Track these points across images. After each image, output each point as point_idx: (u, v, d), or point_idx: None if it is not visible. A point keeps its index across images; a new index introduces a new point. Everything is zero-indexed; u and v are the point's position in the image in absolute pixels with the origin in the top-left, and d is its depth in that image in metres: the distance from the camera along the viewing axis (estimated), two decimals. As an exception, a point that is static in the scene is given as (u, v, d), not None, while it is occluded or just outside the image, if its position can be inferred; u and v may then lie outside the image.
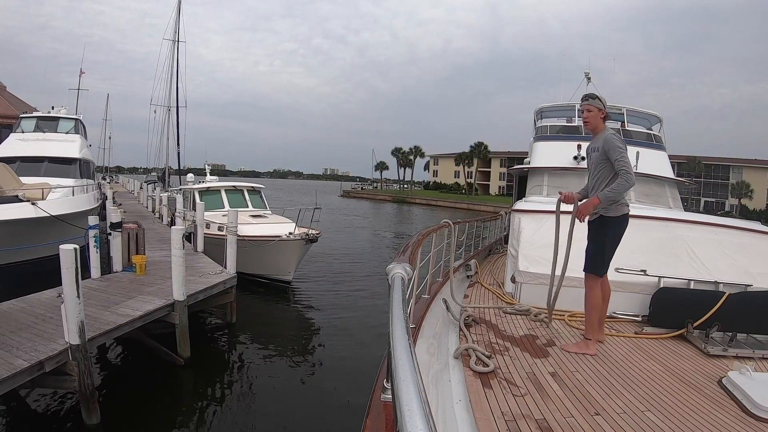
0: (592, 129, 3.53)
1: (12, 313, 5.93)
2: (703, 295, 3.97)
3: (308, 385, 6.63)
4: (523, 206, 5.98)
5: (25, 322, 5.60)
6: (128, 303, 6.58)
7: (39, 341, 5.06)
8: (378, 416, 1.83)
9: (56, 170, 14.09)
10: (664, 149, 8.51)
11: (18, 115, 26.71)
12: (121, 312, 6.19)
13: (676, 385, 2.81)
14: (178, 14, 27.37)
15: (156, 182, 28.05)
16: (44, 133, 15.70)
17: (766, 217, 36.87)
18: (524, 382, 2.72)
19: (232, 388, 6.48)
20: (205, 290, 7.68)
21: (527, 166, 8.75)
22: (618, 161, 3.22)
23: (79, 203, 12.45)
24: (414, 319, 3.41)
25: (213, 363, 7.24)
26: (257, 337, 8.35)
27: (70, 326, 4.98)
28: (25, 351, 4.78)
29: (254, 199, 15.06)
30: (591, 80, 9.98)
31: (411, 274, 1.87)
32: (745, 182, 53.14)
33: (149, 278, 8.16)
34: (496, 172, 79.63)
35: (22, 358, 4.61)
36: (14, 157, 13.65)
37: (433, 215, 41.36)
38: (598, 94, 3.52)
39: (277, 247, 10.99)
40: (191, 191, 15.47)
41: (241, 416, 5.64)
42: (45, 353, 4.77)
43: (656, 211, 5.94)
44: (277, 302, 10.91)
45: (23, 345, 4.92)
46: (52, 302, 6.34)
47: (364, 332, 8.66)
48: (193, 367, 6.77)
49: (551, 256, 3.69)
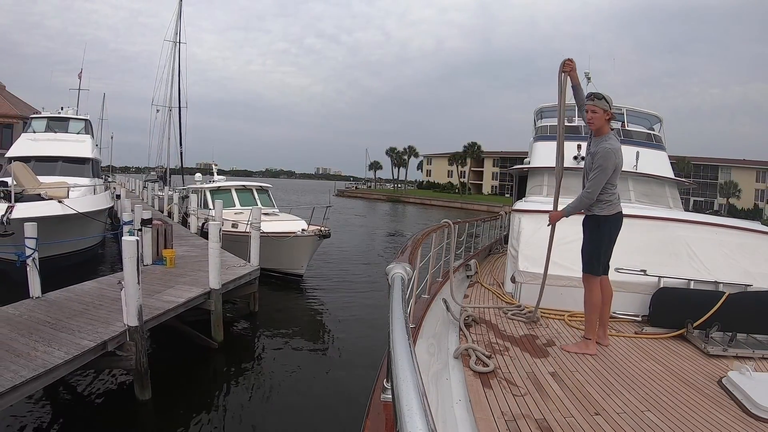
0: (596, 130, 3.44)
1: (61, 302, 6.45)
2: (703, 295, 3.97)
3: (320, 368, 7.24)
4: (523, 206, 5.97)
5: (76, 309, 6.16)
6: (169, 291, 7.22)
7: (98, 324, 5.59)
8: (378, 416, 1.83)
9: (70, 170, 14.52)
10: (664, 149, 8.50)
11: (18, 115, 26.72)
12: (165, 299, 6.80)
13: (676, 385, 2.81)
14: (179, 16, 27.50)
15: (156, 181, 28.16)
16: (55, 133, 16.04)
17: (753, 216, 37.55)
18: (524, 382, 2.72)
19: (261, 371, 7.05)
20: (235, 281, 8.34)
21: (527, 166, 8.74)
22: (592, 177, 3.30)
23: (99, 201, 13.10)
24: (414, 319, 3.41)
25: (242, 347, 7.97)
26: (277, 325, 9.08)
27: (129, 309, 5.47)
28: (87, 333, 5.30)
29: (263, 198, 15.62)
30: (591, 80, 9.97)
31: (411, 274, 1.87)
32: (733, 182, 54.63)
33: (179, 270, 8.76)
34: (488, 171, 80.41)
35: (87, 339, 5.14)
36: (29, 157, 14.01)
37: (428, 214, 42.60)
38: (605, 95, 3.40)
39: (291, 242, 11.63)
40: (202, 190, 16.04)
41: (272, 394, 6.19)
42: (107, 334, 5.30)
43: (656, 211, 5.94)
44: (291, 294, 11.65)
45: (83, 328, 5.44)
46: (96, 291, 7.07)
47: (368, 318, 9.47)
48: (226, 351, 7.42)
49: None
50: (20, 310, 5.98)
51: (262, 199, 15.53)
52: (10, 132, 27.83)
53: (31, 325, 5.47)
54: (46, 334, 5.20)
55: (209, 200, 15.28)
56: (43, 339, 5.03)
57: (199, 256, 10.01)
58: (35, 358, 4.53)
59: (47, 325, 5.50)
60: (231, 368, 7.00)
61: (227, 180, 18.36)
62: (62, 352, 4.73)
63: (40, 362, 4.46)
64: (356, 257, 17.37)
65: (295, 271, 12.22)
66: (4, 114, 27.68)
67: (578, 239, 3.55)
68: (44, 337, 5.11)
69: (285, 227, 11.99)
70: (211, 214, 13.54)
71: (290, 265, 12.06)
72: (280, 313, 9.92)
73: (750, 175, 55.50)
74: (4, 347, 4.75)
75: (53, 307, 6.18)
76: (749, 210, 50.25)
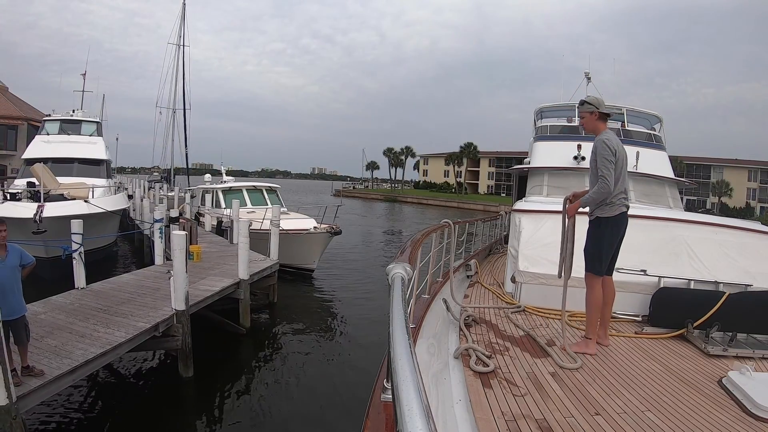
0: (592, 131, 3.60)
1: (106, 292, 7.15)
2: (703, 295, 3.97)
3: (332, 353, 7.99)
4: (523, 206, 5.97)
5: (122, 297, 6.83)
6: (203, 282, 7.91)
7: (147, 310, 6.24)
8: (378, 416, 1.83)
9: (86, 171, 15.19)
10: (664, 149, 8.49)
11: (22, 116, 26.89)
12: (202, 288, 7.47)
13: (676, 385, 2.81)
14: (182, 20, 27.75)
15: (159, 182, 28.35)
16: (69, 135, 16.53)
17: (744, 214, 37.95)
18: (524, 382, 2.71)
19: (283, 353, 7.83)
20: (259, 273, 9.12)
21: (527, 166, 8.73)
22: (599, 168, 3.33)
23: (119, 201, 13.91)
24: (414, 319, 3.41)
25: (265, 333, 8.74)
26: (294, 314, 9.97)
27: (177, 295, 6.14)
28: (139, 317, 5.94)
29: (272, 198, 16.45)
30: (591, 80, 9.97)
31: (411, 274, 1.87)
32: (725, 181, 55.39)
33: (206, 264, 9.47)
34: (484, 171, 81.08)
35: (141, 321, 5.79)
36: (45, 158, 14.44)
37: (425, 213, 43.83)
38: (590, 96, 3.59)
39: (305, 238, 12.44)
40: (214, 191, 16.70)
41: (293, 375, 6.93)
42: (158, 318, 5.95)
43: (656, 211, 5.94)
44: (304, 286, 12.49)
45: (134, 313, 6.09)
46: (135, 282, 7.84)
47: (372, 307, 10.33)
48: (252, 336, 8.24)
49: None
50: (69, 299, 6.58)
51: (271, 198, 16.32)
52: (14, 133, 27.84)
53: (86, 311, 6.08)
54: (101, 318, 5.82)
55: (221, 200, 16.08)
56: (100, 323, 5.65)
57: (219, 252, 10.85)
58: (99, 338, 5.17)
59: (100, 311, 6.12)
60: (258, 351, 7.91)
61: (236, 181, 19.18)
62: (122, 332, 5.38)
63: (104, 341, 5.09)
64: (359, 253, 18.48)
65: (308, 266, 12.96)
66: (8, 116, 27.68)
67: (579, 238, 3.55)
68: (101, 321, 5.73)
69: (296, 225, 12.78)
70: (225, 213, 14.49)
71: (303, 260, 12.76)
72: (296, 304, 10.78)
73: (742, 175, 56.54)
74: (67, 330, 5.36)
75: (100, 296, 6.86)
76: (741, 208, 51.27)
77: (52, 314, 5.87)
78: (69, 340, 5.04)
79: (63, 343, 4.97)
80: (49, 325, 5.46)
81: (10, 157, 28.41)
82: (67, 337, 5.15)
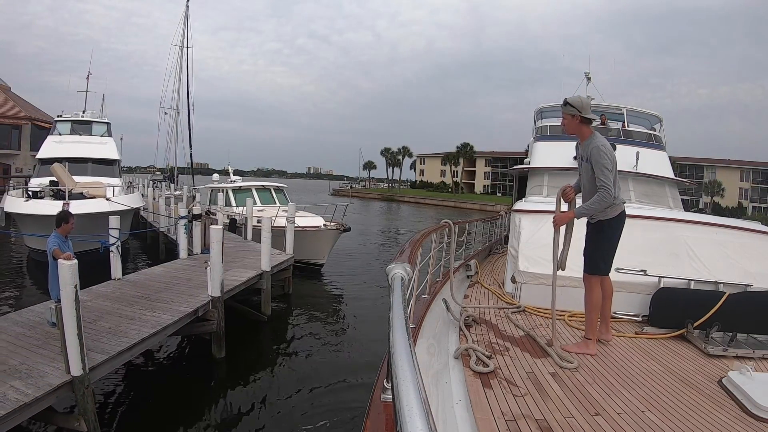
0: (574, 134, 3.43)
1: (142, 281, 7.73)
2: (703, 295, 3.96)
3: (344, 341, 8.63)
4: (523, 206, 5.97)
5: (158, 286, 7.40)
6: (229, 273, 8.25)
7: (185, 297, 6.84)
8: (378, 416, 1.83)
9: (100, 170, 15.61)
10: (664, 149, 8.49)
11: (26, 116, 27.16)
12: (229, 279, 7.88)
13: (676, 385, 2.81)
14: (186, 21, 27.96)
15: (163, 181, 28.59)
16: (80, 135, 16.85)
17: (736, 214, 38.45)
18: (524, 382, 2.71)
19: (302, 338, 8.60)
20: (278, 264, 9.87)
21: (527, 166, 8.73)
22: (599, 178, 3.22)
23: (134, 200, 14.44)
24: (414, 319, 3.41)
25: (285, 321, 9.58)
26: (308, 304, 10.89)
27: (213, 283, 6.80)
28: (180, 303, 6.51)
29: (279, 197, 17.03)
30: (591, 80, 9.96)
31: (411, 274, 1.87)
32: (717, 181, 56.55)
33: (226, 258, 9.85)
34: (481, 171, 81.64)
35: (182, 306, 6.38)
36: (60, 158, 14.76)
37: (423, 212, 44.73)
38: (573, 97, 3.34)
39: (315, 235, 13.16)
40: (224, 189, 17.13)
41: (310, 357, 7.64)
42: (197, 303, 6.56)
43: (656, 211, 5.93)
44: (314, 280, 13.28)
45: (174, 299, 6.69)
46: (167, 273, 8.48)
47: (377, 300, 11.17)
48: (273, 324, 9.02)
49: (551, 256, 3.68)
50: (110, 288, 7.18)
51: (279, 197, 16.88)
52: (18, 133, 27.87)
53: (128, 298, 6.62)
54: (145, 304, 6.36)
55: (231, 198, 16.65)
56: (145, 308, 6.20)
57: (235, 247, 11.43)
58: (148, 321, 5.71)
59: (142, 298, 6.66)
60: (280, 336, 8.71)
61: (244, 180, 19.72)
62: (168, 315, 5.93)
63: (154, 322, 5.65)
64: (361, 250, 19.49)
65: (318, 261, 13.65)
66: (12, 115, 27.70)
67: (578, 239, 3.55)
68: (145, 306, 6.28)
69: (305, 222, 13.37)
70: (236, 211, 15.16)
71: (314, 255, 13.43)
72: (309, 295, 11.77)
73: (734, 175, 57.68)
74: (116, 314, 5.89)
75: (137, 285, 7.42)
76: (733, 208, 52.45)
77: (97, 302, 6.39)
78: (121, 323, 5.56)
79: (116, 325, 5.51)
80: (98, 311, 5.97)
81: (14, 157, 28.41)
82: (118, 320, 5.66)
